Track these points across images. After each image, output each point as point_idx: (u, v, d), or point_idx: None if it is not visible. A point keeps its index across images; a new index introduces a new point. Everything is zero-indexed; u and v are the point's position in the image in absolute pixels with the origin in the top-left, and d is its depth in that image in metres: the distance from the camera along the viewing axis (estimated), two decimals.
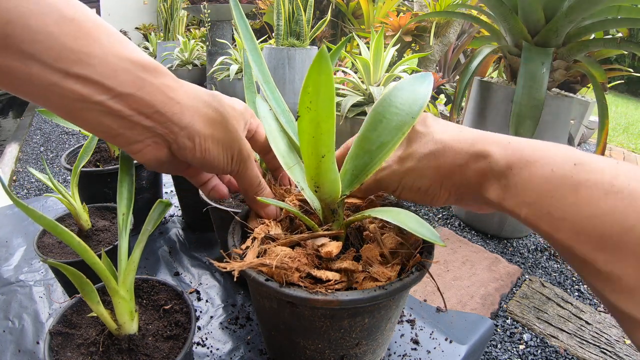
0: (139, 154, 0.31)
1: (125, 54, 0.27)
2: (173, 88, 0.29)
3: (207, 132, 0.31)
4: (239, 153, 0.34)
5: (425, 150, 0.32)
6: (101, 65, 0.26)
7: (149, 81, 0.28)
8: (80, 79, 0.25)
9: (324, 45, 0.25)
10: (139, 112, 0.28)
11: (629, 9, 1.21)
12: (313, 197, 0.39)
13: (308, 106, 0.26)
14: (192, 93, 0.31)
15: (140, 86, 0.27)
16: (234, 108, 0.34)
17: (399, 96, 0.36)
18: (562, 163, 0.25)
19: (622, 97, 6.88)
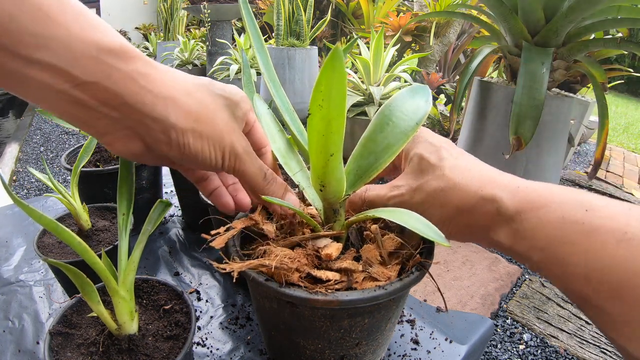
0: (111, 146, 0.28)
1: (92, 37, 0.24)
2: (146, 75, 0.26)
3: (185, 126, 0.28)
4: (231, 148, 0.30)
5: (435, 185, 0.31)
6: (63, 50, 0.23)
7: (117, 68, 0.25)
8: (43, 66, 0.23)
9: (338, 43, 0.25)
10: (104, 103, 0.25)
11: (629, 9, 1.21)
12: (316, 196, 0.39)
13: (320, 104, 0.26)
14: (171, 81, 0.28)
15: (106, 74, 0.25)
16: (227, 97, 0.31)
17: (405, 102, 0.37)
18: (573, 209, 0.25)
19: (622, 97, 6.88)
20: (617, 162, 2.97)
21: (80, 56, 0.24)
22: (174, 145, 0.28)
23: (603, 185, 2.31)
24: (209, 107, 0.29)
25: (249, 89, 0.46)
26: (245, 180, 0.34)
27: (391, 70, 2.13)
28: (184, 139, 0.28)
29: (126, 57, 0.25)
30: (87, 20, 0.24)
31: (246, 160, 0.32)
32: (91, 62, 0.24)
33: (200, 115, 0.28)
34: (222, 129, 0.30)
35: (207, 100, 0.29)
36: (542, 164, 1.40)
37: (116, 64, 0.25)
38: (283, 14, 2.73)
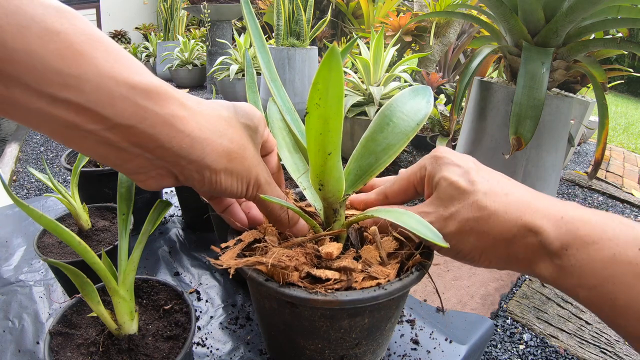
0: (142, 184, 0.28)
1: (125, 77, 0.22)
2: (182, 118, 0.25)
3: (219, 167, 0.28)
4: (256, 180, 0.31)
5: (470, 215, 0.29)
6: (95, 90, 0.22)
7: (153, 111, 0.24)
8: (71, 106, 0.21)
9: (335, 43, 0.25)
10: (140, 146, 0.24)
11: (629, 9, 1.21)
12: (316, 196, 0.39)
13: (317, 103, 0.26)
14: (206, 122, 0.27)
15: (142, 117, 0.23)
16: (249, 125, 0.31)
17: (406, 103, 0.37)
18: (625, 247, 0.23)
19: (622, 97, 6.88)
20: (617, 162, 2.97)
21: (113, 97, 0.22)
22: (207, 183, 0.29)
23: (603, 185, 2.31)
24: (239, 144, 0.29)
25: (252, 90, 0.46)
26: (263, 208, 0.35)
27: (391, 70, 2.13)
28: (217, 178, 0.29)
29: (161, 99, 0.24)
30: (120, 58, 0.23)
31: (267, 190, 0.32)
32: (125, 104, 0.23)
33: (232, 155, 0.29)
34: (249, 164, 0.30)
35: (236, 137, 0.29)
36: (542, 164, 1.40)
37: (151, 106, 0.24)
38: (283, 14, 2.73)
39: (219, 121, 0.28)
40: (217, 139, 0.27)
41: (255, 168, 0.31)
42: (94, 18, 6.08)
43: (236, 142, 0.29)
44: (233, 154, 0.28)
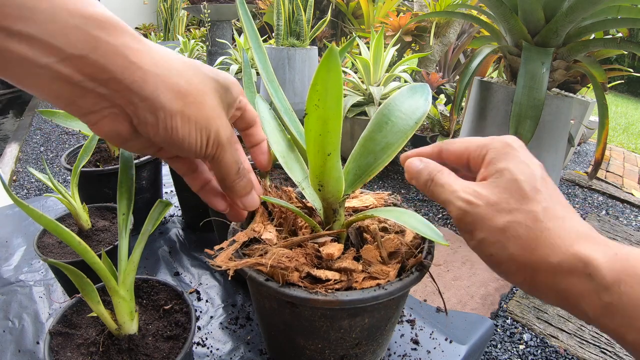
0: (95, 126, 0.26)
1: (78, 7, 0.23)
2: (136, 50, 0.25)
3: (174, 107, 0.26)
4: (216, 135, 0.29)
5: (522, 220, 0.26)
6: (48, 21, 0.22)
7: (105, 41, 0.23)
8: (24, 39, 0.22)
9: (333, 43, 0.25)
10: (91, 77, 0.24)
11: (629, 9, 1.21)
12: (315, 196, 0.39)
13: (316, 104, 0.26)
14: (161, 58, 0.26)
15: (94, 47, 0.23)
16: (217, 80, 0.29)
17: (404, 102, 0.37)
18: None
19: (622, 97, 6.88)
20: (617, 162, 2.97)
21: (65, 27, 0.22)
22: (162, 127, 0.27)
23: (603, 185, 2.31)
24: (198, 89, 0.27)
25: (250, 90, 0.46)
26: (218, 169, 0.32)
27: (391, 70, 2.13)
28: (172, 122, 0.27)
29: (114, 30, 0.24)
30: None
31: (227, 150, 0.30)
32: (77, 33, 0.23)
33: (189, 97, 0.27)
34: (209, 114, 0.28)
35: (196, 81, 0.27)
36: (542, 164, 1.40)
37: (104, 36, 0.23)
38: (283, 14, 2.73)
39: (177, 62, 0.27)
40: (174, 77, 0.26)
41: (216, 120, 0.29)
42: None
43: (195, 85, 0.27)
44: (190, 96, 0.27)
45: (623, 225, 1.82)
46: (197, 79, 0.27)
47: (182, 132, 0.27)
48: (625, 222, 1.88)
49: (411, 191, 1.98)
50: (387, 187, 2.01)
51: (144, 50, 0.25)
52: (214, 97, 0.28)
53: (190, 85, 0.27)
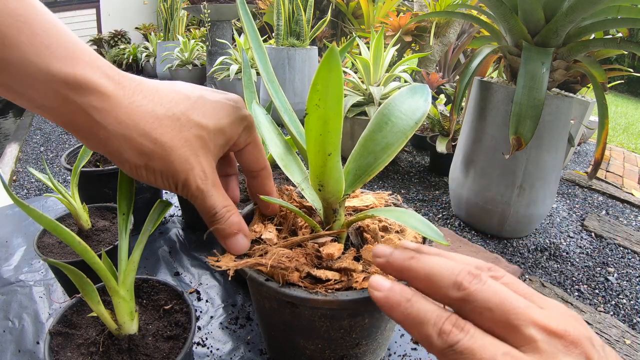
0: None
1: (47, 64, 0.23)
2: (100, 110, 0.26)
3: (138, 162, 0.28)
4: (184, 185, 0.30)
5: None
6: (19, 74, 0.23)
7: (72, 99, 0.25)
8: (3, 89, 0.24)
9: (334, 43, 0.25)
10: (66, 125, 0.26)
11: (629, 9, 1.21)
12: (315, 197, 0.39)
13: (317, 104, 0.26)
14: (128, 117, 0.27)
15: (62, 102, 0.25)
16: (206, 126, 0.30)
17: (404, 102, 0.37)
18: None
19: (622, 97, 6.89)
20: (617, 162, 2.97)
21: (35, 81, 0.23)
22: (128, 172, 0.29)
23: (603, 185, 2.31)
24: (166, 147, 0.28)
25: (250, 90, 0.46)
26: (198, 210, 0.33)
27: (391, 70, 2.13)
28: (138, 172, 0.29)
29: (80, 89, 0.25)
30: (45, 42, 0.23)
31: (197, 198, 0.31)
32: (46, 89, 0.24)
33: (154, 155, 0.28)
34: (177, 167, 0.29)
35: (166, 138, 0.28)
36: (542, 164, 1.40)
37: (70, 94, 0.25)
38: (283, 14, 2.73)
39: (147, 118, 0.27)
40: (137, 137, 0.27)
41: (185, 173, 0.29)
42: (94, 18, 6.08)
43: (160, 144, 0.28)
44: (154, 155, 0.28)
45: (623, 225, 1.82)
46: (169, 134, 0.28)
47: (148, 179, 0.29)
48: (625, 222, 1.88)
49: (411, 191, 1.99)
50: (387, 187, 2.01)
51: (110, 109, 0.26)
52: (187, 149, 0.29)
53: (156, 145, 0.28)
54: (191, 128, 0.29)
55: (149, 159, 0.28)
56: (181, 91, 0.30)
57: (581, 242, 1.65)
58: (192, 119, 0.29)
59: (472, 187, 1.55)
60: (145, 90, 0.28)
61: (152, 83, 0.29)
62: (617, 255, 1.58)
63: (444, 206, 1.84)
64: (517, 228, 1.60)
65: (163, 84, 0.30)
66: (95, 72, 0.25)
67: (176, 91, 0.30)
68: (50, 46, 0.24)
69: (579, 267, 1.48)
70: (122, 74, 0.28)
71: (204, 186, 0.30)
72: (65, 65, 0.24)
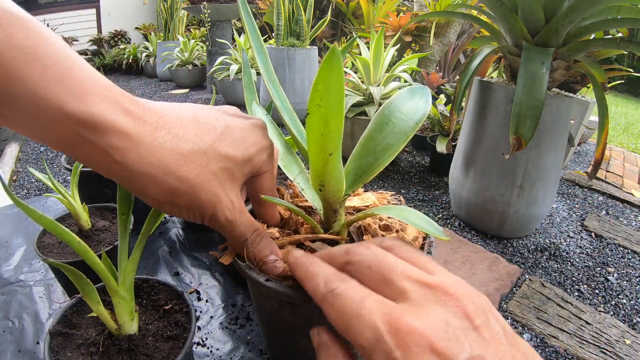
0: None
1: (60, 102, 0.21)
2: (121, 150, 0.24)
3: (163, 199, 0.27)
4: (211, 219, 0.29)
5: None
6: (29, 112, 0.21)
7: (89, 140, 0.23)
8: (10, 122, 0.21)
9: (335, 43, 0.25)
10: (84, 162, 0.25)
11: (629, 9, 1.21)
12: (315, 197, 0.39)
13: (318, 103, 0.26)
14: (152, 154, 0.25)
15: (79, 143, 0.23)
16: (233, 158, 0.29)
17: (404, 103, 0.37)
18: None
19: (622, 97, 6.89)
20: (617, 162, 2.97)
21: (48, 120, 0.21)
22: (154, 206, 0.28)
23: (603, 185, 2.31)
24: (191, 184, 0.27)
25: (250, 90, 0.46)
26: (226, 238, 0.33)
27: (391, 70, 2.13)
28: (162, 207, 0.28)
29: (98, 130, 0.23)
30: (57, 76, 0.21)
31: (226, 228, 0.30)
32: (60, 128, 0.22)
33: (178, 192, 0.27)
34: (204, 202, 0.28)
35: (192, 175, 0.27)
36: (542, 164, 1.40)
37: (88, 135, 0.23)
38: (283, 14, 2.73)
39: (171, 155, 0.26)
40: (162, 176, 0.26)
41: (212, 207, 0.28)
42: (94, 18, 6.08)
43: (187, 181, 0.27)
44: (180, 191, 0.27)
45: (623, 225, 1.83)
46: (195, 170, 0.27)
47: (172, 213, 0.28)
48: (625, 222, 1.88)
49: (411, 191, 1.99)
50: (387, 187, 2.01)
51: (132, 148, 0.24)
52: (214, 183, 0.28)
53: (181, 182, 0.26)
54: (219, 161, 0.28)
55: (174, 197, 0.27)
56: (206, 121, 0.29)
57: (581, 242, 1.65)
58: (219, 152, 0.28)
59: (472, 187, 1.55)
60: (169, 125, 0.26)
61: (175, 114, 0.28)
62: (617, 255, 1.58)
63: (444, 206, 1.85)
64: (517, 228, 1.60)
65: (188, 113, 0.28)
66: (113, 109, 0.23)
67: (200, 122, 0.28)
68: (62, 81, 0.21)
69: (579, 267, 1.49)
70: (143, 106, 0.26)
71: (232, 217, 0.30)
72: (80, 103, 0.22)
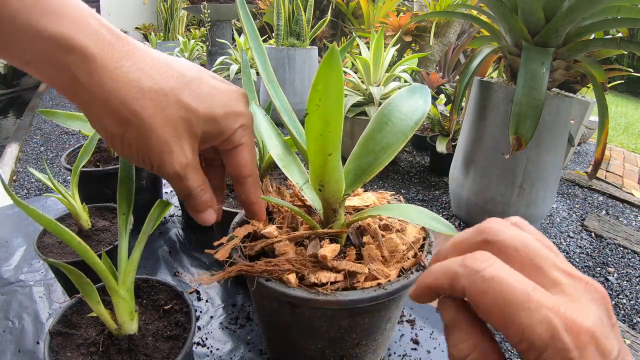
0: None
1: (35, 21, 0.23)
2: (84, 71, 0.25)
3: (115, 131, 0.27)
4: (159, 167, 0.29)
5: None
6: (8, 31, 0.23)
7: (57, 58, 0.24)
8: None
9: (334, 43, 0.24)
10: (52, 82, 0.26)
11: (629, 9, 1.21)
12: (315, 196, 0.39)
13: (317, 104, 0.26)
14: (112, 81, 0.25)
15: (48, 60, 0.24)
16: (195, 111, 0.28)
17: (404, 102, 0.37)
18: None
19: (622, 97, 6.89)
20: (617, 162, 2.97)
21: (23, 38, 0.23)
22: (106, 139, 0.28)
23: (603, 185, 2.31)
24: (145, 121, 0.26)
25: (250, 90, 0.47)
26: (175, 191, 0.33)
27: (391, 70, 2.13)
28: (114, 142, 0.28)
29: (66, 49, 0.24)
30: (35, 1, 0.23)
31: (173, 180, 0.30)
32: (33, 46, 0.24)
33: (131, 127, 0.27)
34: (152, 146, 0.27)
35: (146, 113, 0.26)
36: (542, 164, 1.40)
37: (55, 53, 0.24)
38: (283, 14, 2.73)
39: (131, 87, 0.26)
40: (116, 105, 0.26)
41: (160, 154, 0.28)
42: None
43: (139, 117, 0.26)
44: (131, 126, 0.26)
45: (623, 225, 1.82)
46: (150, 109, 0.27)
47: (123, 153, 0.28)
48: (625, 222, 1.88)
49: (411, 191, 1.99)
50: (387, 187, 2.01)
51: (93, 71, 0.25)
52: (168, 130, 0.27)
53: (135, 117, 0.26)
54: (178, 109, 0.27)
55: (125, 130, 0.27)
56: (178, 67, 0.28)
57: (581, 242, 1.65)
58: (180, 99, 0.27)
59: (472, 187, 1.55)
60: (137, 57, 0.26)
61: (148, 52, 0.28)
62: (617, 255, 1.58)
63: (444, 206, 1.84)
64: None
65: (161, 56, 0.28)
66: (83, 31, 0.24)
67: (172, 66, 0.28)
68: (39, 4, 0.23)
69: (579, 267, 1.48)
70: (119, 37, 0.26)
71: (181, 171, 0.29)
72: (53, 23, 0.23)
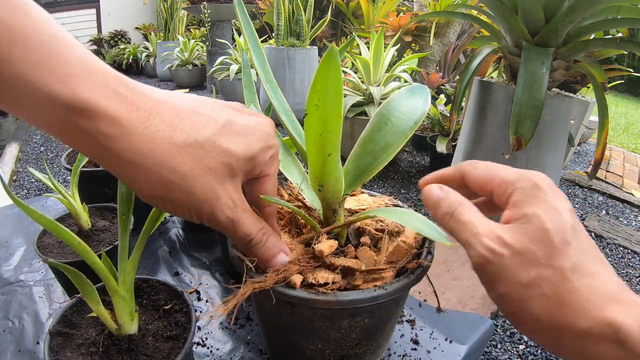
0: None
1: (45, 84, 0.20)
2: (111, 136, 0.22)
3: (154, 193, 0.25)
4: (209, 218, 0.27)
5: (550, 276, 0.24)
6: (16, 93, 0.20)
7: (78, 125, 0.22)
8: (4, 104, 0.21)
9: (333, 43, 0.24)
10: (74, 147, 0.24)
11: (629, 9, 1.21)
12: (314, 197, 0.39)
13: (316, 104, 0.26)
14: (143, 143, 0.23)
15: (67, 126, 0.22)
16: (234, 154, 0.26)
17: (403, 102, 0.37)
18: None
19: (622, 97, 6.89)
20: (617, 162, 2.97)
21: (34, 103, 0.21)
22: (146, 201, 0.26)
23: (603, 185, 2.31)
24: (186, 176, 0.25)
25: (250, 90, 0.46)
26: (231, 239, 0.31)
27: (391, 70, 2.13)
28: (155, 202, 0.26)
29: (86, 114, 0.22)
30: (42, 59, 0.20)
31: (229, 228, 0.28)
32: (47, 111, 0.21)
33: (172, 186, 0.25)
34: (198, 198, 0.26)
35: (185, 167, 0.25)
36: (542, 164, 1.40)
37: (76, 119, 0.22)
38: (283, 14, 2.73)
39: (164, 145, 0.24)
40: (152, 167, 0.24)
41: (209, 204, 0.26)
42: (94, 18, 6.08)
43: (179, 173, 0.25)
44: (172, 185, 0.25)
45: (623, 225, 1.82)
46: (188, 163, 0.25)
47: (166, 209, 0.27)
48: (625, 222, 1.88)
49: (411, 191, 1.98)
50: (387, 187, 2.01)
51: (121, 136, 0.23)
52: (211, 178, 0.26)
53: (175, 174, 0.25)
54: (217, 155, 0.26)
55: (166, 191, 0.25)
56: (206, 112, 0.26)
57: None
58: (218, 145, 0.26)
59: None
60: (164, 113, 0.25)
61: (172, 103, 0.25)
62: (617, 255, 1.58)
63: None
64: None
65: (186, 103, 0.26)
66: (102, 93, 0.22)
67: (199, 112, 0.26)
68: (47, 64, 0.20)
69: None
70: (137, 91, 0.24)
71: (234, 215, 0.28)
72: (67, 86, 0.21)
